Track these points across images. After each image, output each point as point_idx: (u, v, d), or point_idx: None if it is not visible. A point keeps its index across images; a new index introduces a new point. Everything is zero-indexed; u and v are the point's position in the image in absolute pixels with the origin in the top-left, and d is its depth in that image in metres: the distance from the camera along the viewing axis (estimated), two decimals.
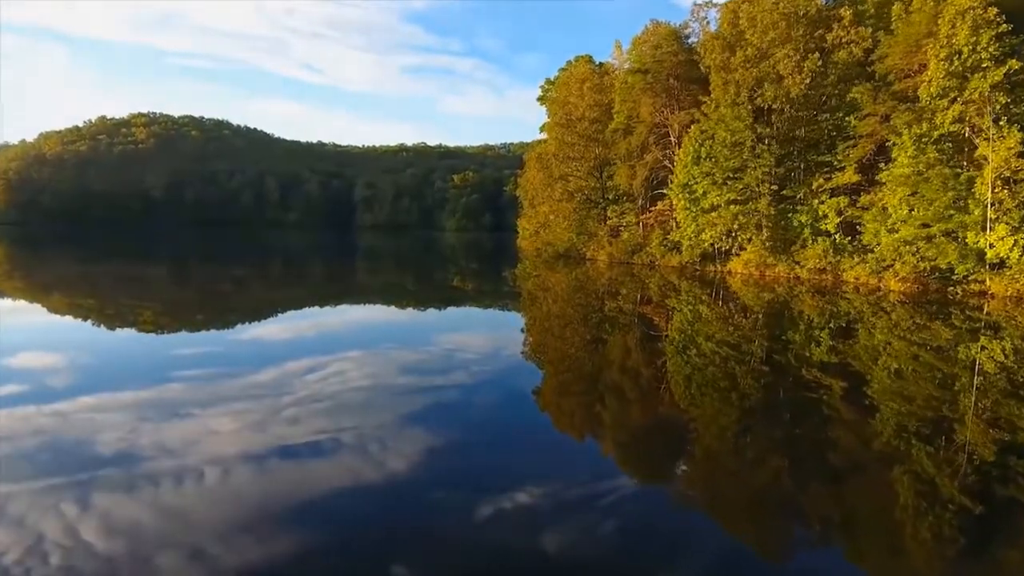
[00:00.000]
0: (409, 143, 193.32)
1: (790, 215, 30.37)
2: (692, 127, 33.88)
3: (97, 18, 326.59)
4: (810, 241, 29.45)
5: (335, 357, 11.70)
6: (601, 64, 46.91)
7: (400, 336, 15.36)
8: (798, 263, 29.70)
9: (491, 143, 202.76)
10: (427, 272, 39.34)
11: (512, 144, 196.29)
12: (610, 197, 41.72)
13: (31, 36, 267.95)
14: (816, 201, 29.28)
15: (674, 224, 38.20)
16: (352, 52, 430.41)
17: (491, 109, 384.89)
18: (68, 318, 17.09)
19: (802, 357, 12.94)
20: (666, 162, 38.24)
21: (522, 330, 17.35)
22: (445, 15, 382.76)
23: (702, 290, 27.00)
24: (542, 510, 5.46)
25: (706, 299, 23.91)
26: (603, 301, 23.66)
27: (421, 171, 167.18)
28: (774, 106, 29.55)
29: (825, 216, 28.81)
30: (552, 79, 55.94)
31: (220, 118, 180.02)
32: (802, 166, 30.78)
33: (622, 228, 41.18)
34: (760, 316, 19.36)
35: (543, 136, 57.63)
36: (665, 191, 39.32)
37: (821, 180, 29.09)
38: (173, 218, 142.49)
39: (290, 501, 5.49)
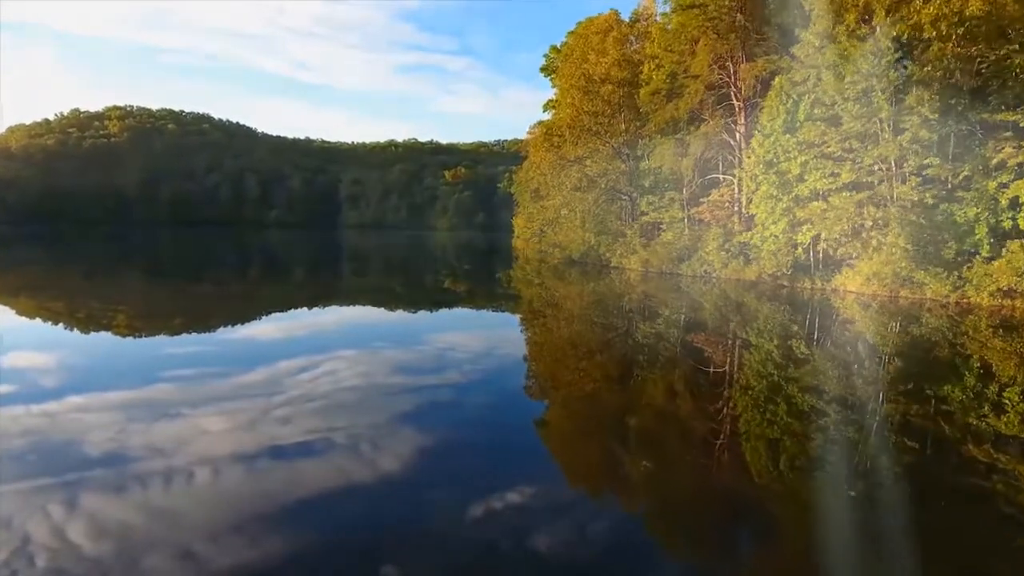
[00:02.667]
0: (399, 139, 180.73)
1: (944, 206, 19.13)
2: (777, 80, 22.57)
3: (87, 15, 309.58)
4: (985, 246, 18.20)
5: (326, 357, 10.85)
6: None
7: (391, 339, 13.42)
8: (966, 280, 18.45)
9: (485, 140, 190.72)
10: (416, 278, 31.12)
11: (506, 141, 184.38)
12: (645, 184, 30.24)
13: (19, 33, 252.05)
14: (994, 184, 18.03)
15: (738, 220, 26.80)
16: (345, 51, 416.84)
17: (485, 109, 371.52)
18: (41, 320, 15.20)
19: (968, 426, 7.81)
20: (724, 134, 26.89)
21: (524, 358, 12.73)
22: (438, 14, 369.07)
23: (792, 316, 18.03)
24: (533, 511, 5.21)
25: (799, 330, 15.64)
26: (633, 323, 16.76)
27: (410, 167, 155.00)
28: (929, 35, 18.20)
29: (1016, 207, 17.60)
30: (559, 46, 44.50)
31: (201, 111, 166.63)
32: (957, 131, 19.46)
33: (662, 226, 29.74)
34: (894, 360, 12.48)
35: (547, 117, 46.24)
36: (722, 175, 27.99)
37: (1009, 150, 17.81)
38: (148, 216, 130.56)
39: (281, 501, 5.19)
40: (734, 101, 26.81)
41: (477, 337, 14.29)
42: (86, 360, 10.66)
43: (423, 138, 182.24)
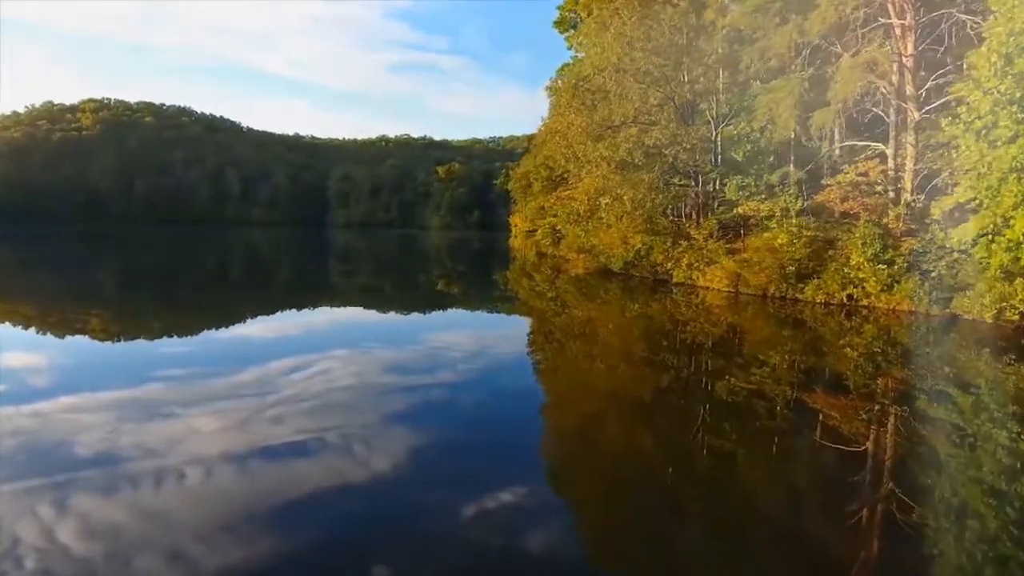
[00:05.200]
0: (391, 135, 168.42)
1: None
2: None
3: (83, 13, 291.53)
4: None
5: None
6: None
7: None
8: None
9: (479, 137, 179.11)
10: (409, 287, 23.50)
11: (502, 138, 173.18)
12: (734, 155, 19.09)
13: (14, 31, 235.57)
14: None
15: (898, 217, 15.96)
16: (339, 49, 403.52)
17: (479, 109, 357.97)
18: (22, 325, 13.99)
19: None
20: (878, 78, 15.95)
21: (540, 410, 8.43)
22: (431, 13, 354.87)
23: None
24: (527, 510, 4.94)
25: None
26: (711, 369, 10.69)
27: (402, 163, 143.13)
28: None
29: None
30: None
31: (182, 104, 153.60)
32: None
33: (759, 223, 18.62)
34: None
35: (556, 99, 35.17)
36: (841, 141, 17.09)
37: None
38: (121, 214, 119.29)
39: (273, 501, 4.92)
40: (892, 19, 15.89)
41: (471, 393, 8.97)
42: (76, 361, 9.95)
43: (415, 135, 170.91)
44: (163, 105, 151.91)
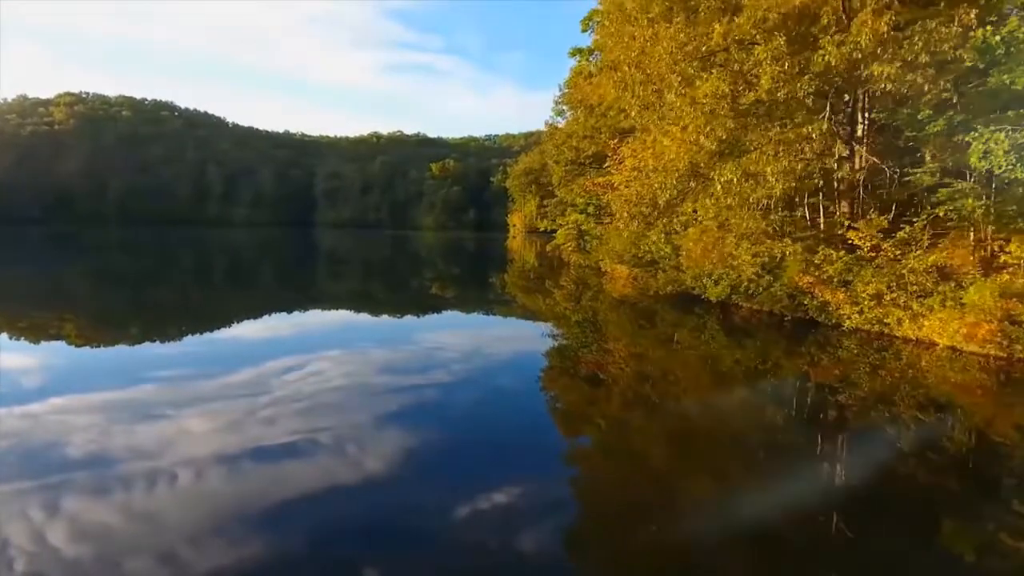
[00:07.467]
0: (383, 131, 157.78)
1: None
2: None
3: (70, 9, 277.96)
4: None
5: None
6: None
7: None
8: None
9: (475, 135, 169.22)
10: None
11: (497, 136, 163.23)
12: (1005, 80, 9.11)
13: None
14: None
15: None
16: (334, 48, 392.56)
17: (474, 108, 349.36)
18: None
19: None
20: None
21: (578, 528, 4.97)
22: (427, 12, 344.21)
23: None
24: (521, 511, 4.73)
25: None
26: (953, 503, 5.10)
27: (394, 160, 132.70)
28: None
29: None
30: None
31: (164, 99, 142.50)
32: None
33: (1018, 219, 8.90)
34: None
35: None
36: None
37: None
38: (93, 214, 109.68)
39: (266, 503, 4.73)
40: None
41: None
42: (65, 364, 9.36)
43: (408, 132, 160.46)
44: (143, 100, 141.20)
